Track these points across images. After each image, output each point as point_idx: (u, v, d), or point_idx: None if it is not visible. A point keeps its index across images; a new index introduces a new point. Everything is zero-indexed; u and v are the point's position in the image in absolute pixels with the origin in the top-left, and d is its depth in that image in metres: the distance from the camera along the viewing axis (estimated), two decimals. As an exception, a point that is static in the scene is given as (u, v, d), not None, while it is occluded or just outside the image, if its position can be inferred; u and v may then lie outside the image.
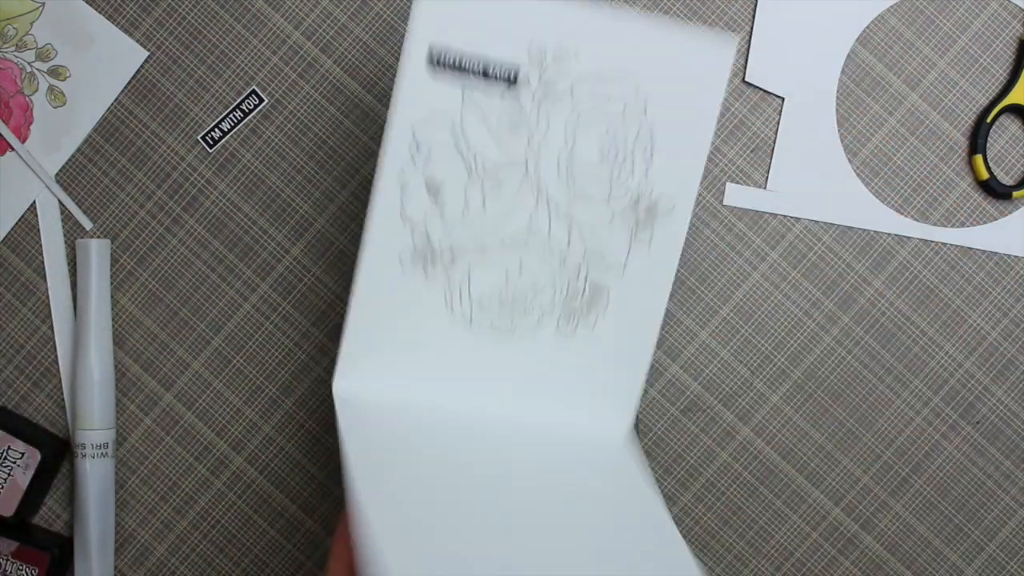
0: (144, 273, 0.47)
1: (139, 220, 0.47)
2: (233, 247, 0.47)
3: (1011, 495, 0.47)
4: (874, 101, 0.47)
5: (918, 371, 0.47)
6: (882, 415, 0.47)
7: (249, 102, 0.47)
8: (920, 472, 0.47)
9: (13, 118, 0.47)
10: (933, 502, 0.47)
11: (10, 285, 0.47)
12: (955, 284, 0.47)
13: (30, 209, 0.47)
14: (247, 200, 0.47)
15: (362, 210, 0.47)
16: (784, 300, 0.47)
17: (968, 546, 0.47)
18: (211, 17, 0.47)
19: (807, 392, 0.47)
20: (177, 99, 0.47)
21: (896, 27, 0.47)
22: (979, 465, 0.47)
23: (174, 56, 0.47)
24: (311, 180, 0.47)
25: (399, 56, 0.47)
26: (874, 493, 0.47)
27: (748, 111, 0.47)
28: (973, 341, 0.47)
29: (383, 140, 0.34)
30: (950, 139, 0.47)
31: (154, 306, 0.47)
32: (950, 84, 0.47)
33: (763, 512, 0.47)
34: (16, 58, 0.47)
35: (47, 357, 0.47)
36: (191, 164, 0.47)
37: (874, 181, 0.47)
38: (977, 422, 0.47)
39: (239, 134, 0.47)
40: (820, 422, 0.47)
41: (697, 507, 0.47)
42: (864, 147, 0.47)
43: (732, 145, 0.47)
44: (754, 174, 0.47)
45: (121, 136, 0.47)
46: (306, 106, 0.47)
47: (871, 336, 0.47)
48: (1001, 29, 0.47)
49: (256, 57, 0.47)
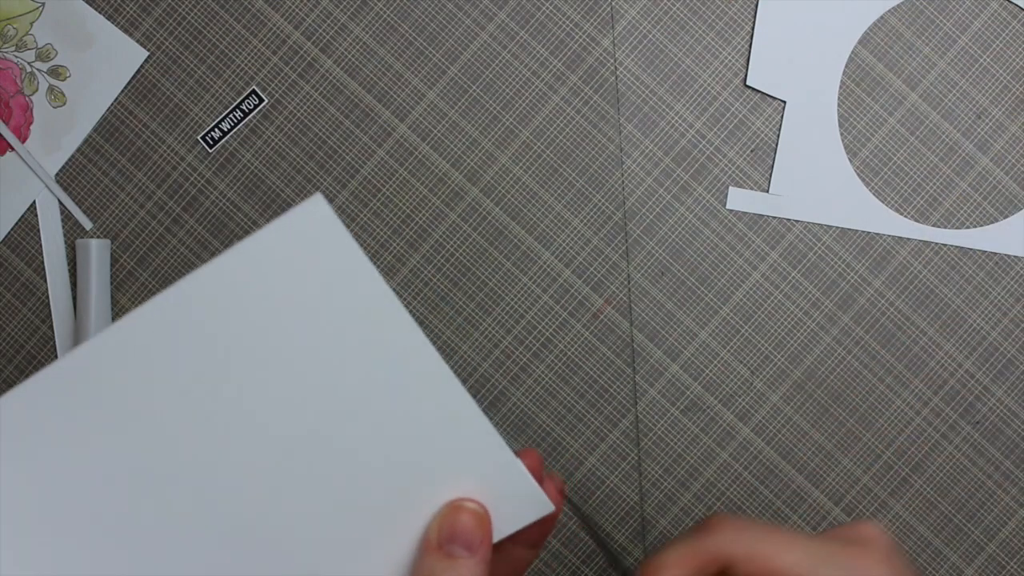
0: (144, 273, 0.47)
1: (139, 220, 0.47)
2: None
3: (1011, 495, 0.47)
4: (874, 101, 0.47)
5: (918, 371, 0.47)
6: (882, 415, 0.47)
7: (249, 102, 0.47)
8: (920, 472, 0.47)
9: (13, 118, 0.47)
10: (933, 502, 0.47)
11: (10, 285, 0.47)
12: (955, 284, 0.47)
13: (30, 209, 0.47)
14: (247, 200, 0.47)
15: (361, 210, 0.47)
16: (784, 300, 0.47)
17: (968, 546, 0.47)
18: (211, 17, 0.47)
19: (807, 392, 0.47)
20: (177, 99, 0.47)
21: (896, 27, 0.47)
22: (979, 465, 0.47)
23: (174, 56, 0.47)
24: (311, 180, 0.47)
25: (399, 56, 0.47)
26: (874, 493, 0.47)
27: (748, 111, 0.47)
28: (973, 341, 0.47)
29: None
30: (950, 139, 0.47)
31: (154, 306, 0.47)
32: (950, 84, 0.47)
33: (763, 512, 0.47)
34: (16, 58, 0.47)
35: (47, 357, 0.47)
36: (191, 164, 0.47)
37: (874, 181, 0.47)
38: (977, 422, 0.47)
39: (239, 134, 0.47)
40: (820, 422, 0.47)
41: (697, 507, 0.47)
42: (864, 147, 0.47)
43: (732, 145, 0.47)
44: (754, 174, 0.47)
45: (121, 136, 0.47)
46: (306, 106, 0.47)
47: (871, 336, 0.47)
48: (1001, 29, 0.47)
49: (256, 57, 0.47)
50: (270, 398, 0.28)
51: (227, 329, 0.28)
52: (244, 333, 0.28)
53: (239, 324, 0.28)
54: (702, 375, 0.47)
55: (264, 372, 0.28)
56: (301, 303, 0.28)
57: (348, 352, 0.28)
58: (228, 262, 0.27)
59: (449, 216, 0.47)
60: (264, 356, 0.28)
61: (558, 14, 0.47)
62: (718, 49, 0.47)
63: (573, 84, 0.47)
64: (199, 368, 0.28)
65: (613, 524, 0.47)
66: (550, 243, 0.47)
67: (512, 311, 0.47)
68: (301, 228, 0.27)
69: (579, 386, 0.47)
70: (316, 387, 0.29)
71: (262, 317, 0.28)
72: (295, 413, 0.29)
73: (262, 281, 0.28)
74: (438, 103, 0.47)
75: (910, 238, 0.47)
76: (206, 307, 0.28)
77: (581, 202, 0.47)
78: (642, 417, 0.47)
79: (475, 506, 0.29)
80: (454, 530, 0.29)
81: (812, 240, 0.47)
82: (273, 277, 0.28)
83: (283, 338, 0.28)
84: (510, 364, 0.47)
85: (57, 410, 0.28)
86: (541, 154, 0.47)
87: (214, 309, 0.28)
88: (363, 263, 0.28)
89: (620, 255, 0.47)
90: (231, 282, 0.28)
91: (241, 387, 0.28)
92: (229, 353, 0.28)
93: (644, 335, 0.47)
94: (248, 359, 0.28)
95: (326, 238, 0.28)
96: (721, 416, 0.47)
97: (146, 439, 0.28)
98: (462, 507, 0.29)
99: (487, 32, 0.47)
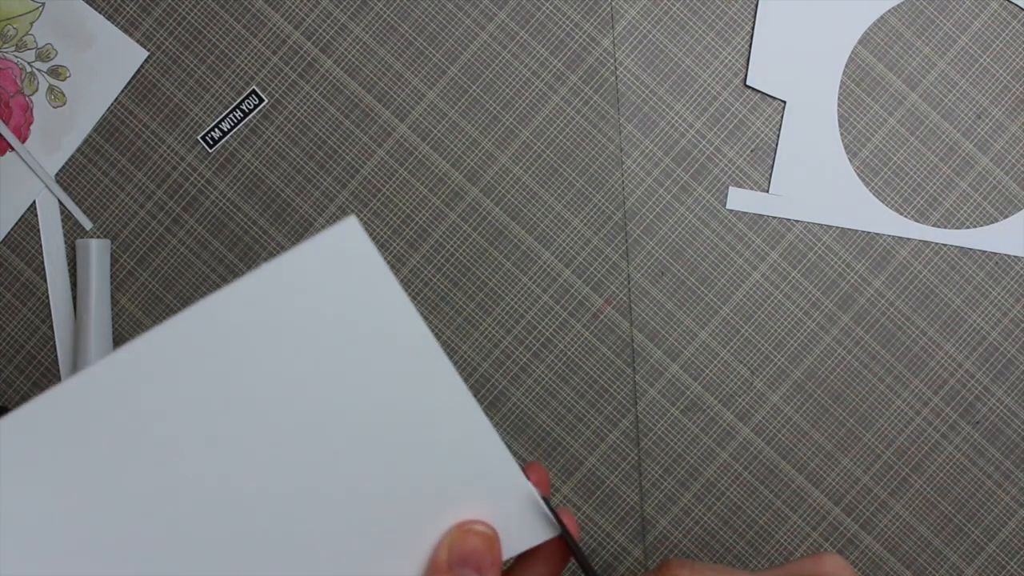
0: (144, 273, 0.47)
1: (139, 220, 0.47)
2: (233, 247, 0.47)
3: (1011, 495, 0.47)
4: (874, 101, 0.47)
5: (918, 371, 0.47)
6: (882, 415, 0.47)
7: (249, 102, 0.47)
8: (920, 472, 0.47)
9: (13, 118, 0.47)
10: (933, 502, 0.47)
11: (10, 285, 0.47)
12: (955, 284, 0.47)
13: (30, 209, 0.47)
14: (247, 200, 0.47)
15: (361, 210, 0.47)
16: (784, 300, 0.47)
17: (968, 546, 0.47)
18: (211, 17, 0.47)
19: (807, 392, 0.47)
20: (177, 99, 0.47)
21: (896, 27, 0.47)
22: (979, 465, 0.47)
23: (174, 56, 0.47)
24: (311, 180, 0.47)
25: (399, 56, 0.47)
26: (874, 493, 0.47)
27: (748, 111, 0.47)
28: (973, 341, 0.47)
29: None
30: (950, 139, 0.47)
31: (154, 306, 0.47)
32: (950, 84, 0.47)
33: (763, 512, 0.47)
34: (16, 58, 0.47)
35: (47, 357, 0.47)
36: (191, 164, 0.47)
37: (874, 181, 0.47)
38: (977, 422, 0.47)
39: (239, 134, 0.47)
40: (820, 422, 0.47)
41: (697, 507, 0.47)
42: (864, 147, 0.47)
43: (732, 145, 0.47)
44: (754, 174, 0.47)
45: (121, 136, 0.47)
46: (306, 106, 0.47)
47: (871, 336, 0.47)
48: (1001, 29, 0.47)
49: (256, 57, 0.47)
50: (287, 419, 0.28)
51: (251, 349, 0.28)
52: (268, 354, 0.28)
53: (264, 345, 0.28)
54: (702, 375, 0.47)
55: (283, 393, 0.28)
56: (327, 325, 0.28)
57: (371, 374, 0.28)
58: (256, 282, 0.27)
59: (449, 216, 0.47)
60: (284, 377, 0.28)
61: (558, 14, 0.47)
62: (718, 49, 0.47)
63: (573, 84, 0.47)
64: (218, 388, 0.28)
65: (613, 524, 0.47)
66: (550, 243, 0.47)
67: (512, 311, 0.47)
68: (333, 250, 0.27)
69: (579, 386, 0.47)
70: (334, 408, 0.28)
71: (287, 338, 0.28)
72: (310, 435, 0.28)
73: (290, 302, 0.28)
74: (438, 103, 0.47)
75: (910, 238, 0.47)
76: (230, 327, 0.27)
77: (581, 202, 0.47)
78: (642, 417, 0.47)
79: (485, 528, 0.29)
80: (464, 552, 0.28)
81: (812, 240, 0.47)
82: (301, 298, 0.28)
83: (305, 360, 0.28)
84: (510, 364, 0.47)
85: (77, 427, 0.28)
86: (541, 154, 0.47)
87: (238, 329, 0.28)
88: (394, 287, 0.28)
89: (620, 255, 0.47)
90: (258, 302, 0.27)
91: (259, 406, 0.28)
92: (250, 374, 0.28)
93: (644, 335, 0.47)
94: (268, 380, 0.28)
95: (358, 261, 0.27)
96: (721, 416, 0.47)
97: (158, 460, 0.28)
98: (473, 529, 0.29)
99: (487, 32, 0.47)
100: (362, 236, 0.27)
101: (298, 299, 0.27)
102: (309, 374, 0.28)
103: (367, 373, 0.28)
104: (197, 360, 0.28)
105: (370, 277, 0.27)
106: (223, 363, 0.28)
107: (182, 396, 0.28)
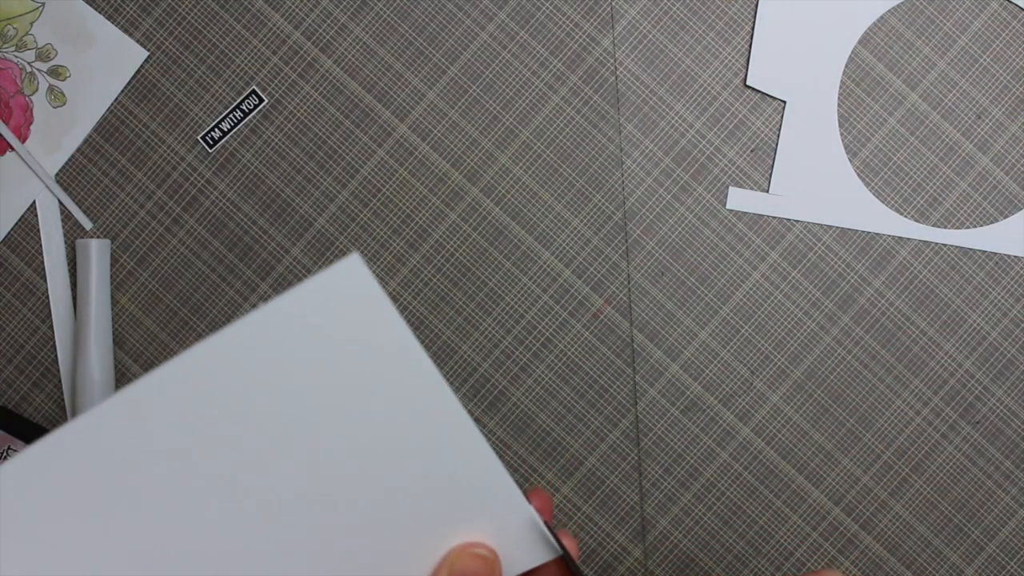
0: (144, 273, 0.47)
1: (139, 220, 0.47)
2: (233, 247, 0.47)
3: (1011, 495, 0.47)
4: (874, 101, 0.47)
5: (918, 371, 0.47)
6: (882, 415, 0.47)
7: (249, 102, 0.47)
8: (920, 472, 0.47)
9: (13, 118, 0.47)
10: (933, 502, 0.47)
11: (10, 285, 0.47)
12: (955, 284, 0.47)
13: (30, 209, 0.47)
14: (247, 200, 0.47)
15: (362, 210, 0.47)
16: (784, 300, 0.47)
17: (968, 546, 0.47)
18: (211, 17, 0.47)
19: (807, 392, 0.47)
20: (177, 99, 0.47)
21: (896, 27, 0.47)
22: (979, 465, 0.47)
23: (174, 56, 0.47)
24: (311, 180, 0.47)
25: (399, 56, 0.47)
26: (874, 493, 0.47)
27: (748, 111, 0.47)
28: (973, 341, 0.47)
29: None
30: (950, 139, 0.47)
31: (154, 306, 0.47)
32: (950, 84, 0.47)
33: (763, 512, 0.47)
34: (16, 58, 0.47)
35: (47, 357, 0.47)
36: (191, 164, 0.47)
37: (874, 181, 0.47)
38: (977, 422, 0.47)
39: (239, 134, 0.47)
40: (820, 422, 0.47)
41: (697, 507, 0.47)
42: (864, 147, 0.47)
43: (732, 145, 0.47)
44: (754, 174, 0.47)
45: (121, 136, 0.47)
46: (306, 106, 0.47)
47: (871, 336, 0.47)
48: (1001, 29, 0.47)
49: (256, 57, 0.47)
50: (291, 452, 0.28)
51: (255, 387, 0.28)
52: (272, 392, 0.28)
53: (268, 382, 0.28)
54: (702, 375, 0.47)
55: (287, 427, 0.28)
56: (331, 361, 0.28)
57: (376, 408, 0.29)
58: (260, 320, 0.27)
59: (449, 216, 0.47)
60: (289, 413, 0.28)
61: (558, 14, 0.47)
62: (718, 49, 0.47)
63: (573, 84, 0.47)
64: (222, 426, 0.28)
65: (613, 524, 0.47)
66: (550, 243, 0.47)
67: (512, 311, 0.47)
68: (337, 287, 0.28)
69: (579, 386, 0.47)
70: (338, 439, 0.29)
71: (291, 375, 0.28)
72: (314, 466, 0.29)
73: (293, 340, 0.28)
74: (438, 103, 0.47)
75: (910, 238, 0.47)
76: (235, 365, 0.28)
77: (581, 202, 0.47)
78: (642, 417, 0.47)
79: (486, 551, 0.29)
80: (464, 574, 0.29)
81: (812, 240, 0.47)
82: (304, 336, 0.28)
83: (310, 396, 0.28)
84: (510, 364, 0.47)
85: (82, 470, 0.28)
86: (541, 154, 0.47)
87: (242, 367, 0.28)
88: (398, 323, 0.28)
89: (620, 255, 0.47)
90: (261, 340, 0.28)
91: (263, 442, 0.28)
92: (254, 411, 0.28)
93: (644, 335, 0.47)
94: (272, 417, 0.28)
95: (362, 297, 0.28)
96: (721, 416, 0.47)
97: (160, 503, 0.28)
98: (473, 552, 0.29)
99: (487, 32, 0.47)
100: (365, 273, 0.27)
101: (301, 337, 0.28)
102: (314, 409, 0.28)
103: (372, 407, 0.29)
104: (201, 399, 0.28)
105: (374, 313, 0.28)
106: (227, 401, 0.28)
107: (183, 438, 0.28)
